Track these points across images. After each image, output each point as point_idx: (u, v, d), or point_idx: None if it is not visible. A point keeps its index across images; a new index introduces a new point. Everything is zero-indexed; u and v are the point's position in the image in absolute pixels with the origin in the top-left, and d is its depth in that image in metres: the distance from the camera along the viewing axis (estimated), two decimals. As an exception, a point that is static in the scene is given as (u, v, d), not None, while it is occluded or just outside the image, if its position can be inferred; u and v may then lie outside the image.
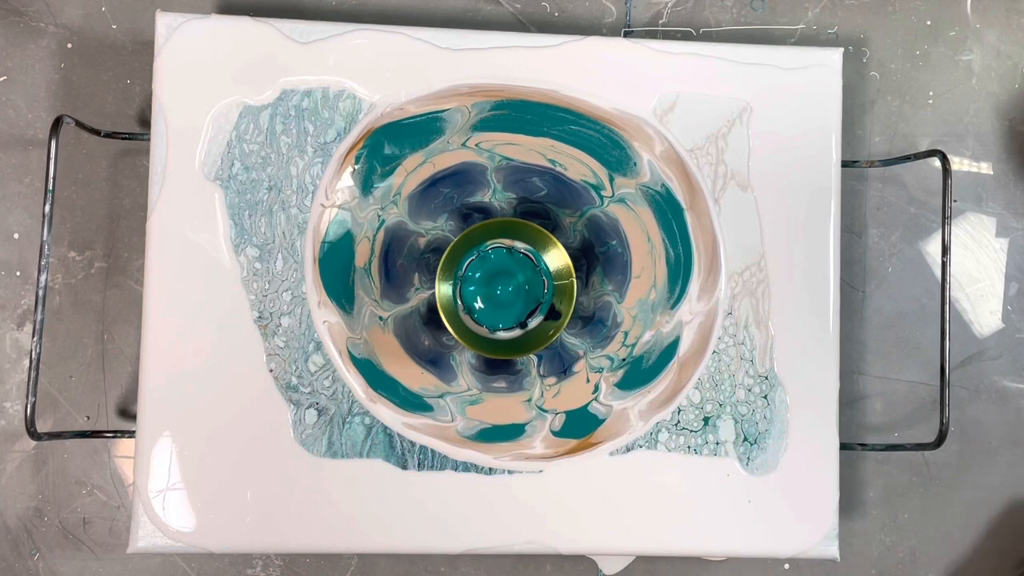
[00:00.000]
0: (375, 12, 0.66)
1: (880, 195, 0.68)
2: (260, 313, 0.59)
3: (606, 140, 0.61)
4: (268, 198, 0.60)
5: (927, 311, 0.68)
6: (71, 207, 0.64)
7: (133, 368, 0.64)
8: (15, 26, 0.65)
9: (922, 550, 0.67)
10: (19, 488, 0.64)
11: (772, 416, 0.61)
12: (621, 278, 0.62)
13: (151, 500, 0.58)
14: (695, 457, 0.61)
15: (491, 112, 0.61)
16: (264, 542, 0.59)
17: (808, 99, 0.62)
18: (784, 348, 0.61)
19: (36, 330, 0.57)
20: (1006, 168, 0.69)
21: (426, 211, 0.61)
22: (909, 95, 0.69)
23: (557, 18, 0.67)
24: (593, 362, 0.62)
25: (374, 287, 0.61)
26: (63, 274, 0.64)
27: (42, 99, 0.65)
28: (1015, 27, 0.69)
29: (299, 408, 0.59)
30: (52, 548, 0.64)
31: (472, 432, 0.60)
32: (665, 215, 0.62)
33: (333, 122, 0.60)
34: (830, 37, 0.68)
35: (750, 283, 0.62)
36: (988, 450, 0.68)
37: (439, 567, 0.65)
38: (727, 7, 0.68)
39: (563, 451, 0.60)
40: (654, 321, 0.62)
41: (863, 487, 0.67)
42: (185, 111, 0.59)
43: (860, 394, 0.67)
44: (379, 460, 0.59)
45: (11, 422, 0.64)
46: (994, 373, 0.68)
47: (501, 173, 0.62)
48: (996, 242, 0.68)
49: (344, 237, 0.60)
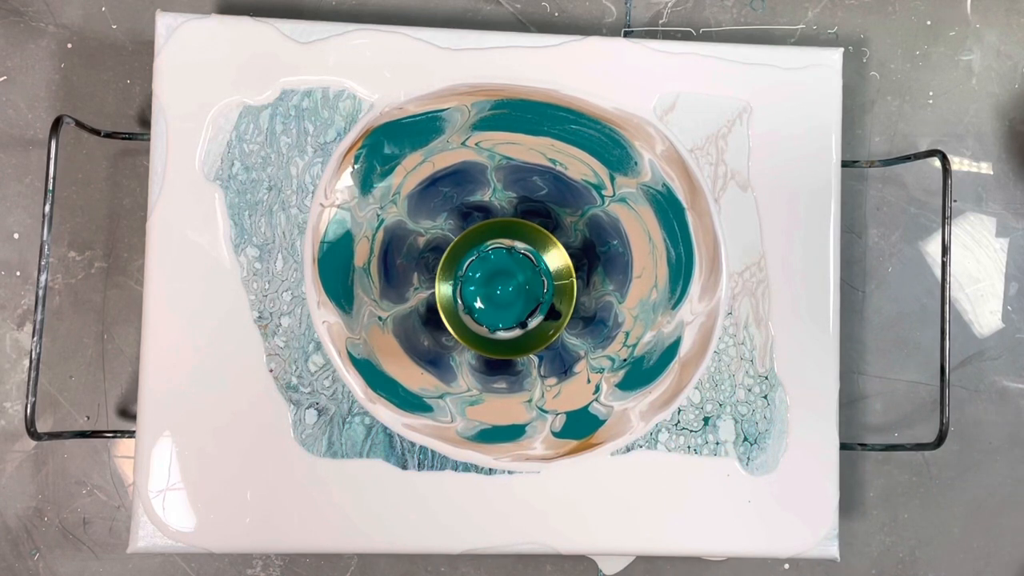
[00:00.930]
0: (375, 12, 0.66)
1: (880, 195, 0.68)
2: (260, 313, 0.59)
3: (607, 139, 0.61)
4: (268, 198, 0.60)
5: (927, 311, 0.68)
6: (71, 207, 0.64)
7: (133, 368, 0.64)
8: (15, 26, 0.65)
9: (922, 550, 0.67)
10: (19, 488, 0.64)
11: (772, 416, 0.61)
12: (622, 278, 0.62)
13: (151, 500, 0.58)
14: (695, 457, 0.61)
15: (491, 111, 0.61)
16: (264, 542, 0.59)
17: (808, 99, 0.62)
18: (784, 348, 0.61)
19: (36, 330, 0.57)
20: (1006, 168, 0.69)
21: (425, 210, 0.61)
22: (909, 95, 0.69)
23: (557, 18, 0.67)
24: (594, 362, 0.62)
25: (373, 287, 0.61)
26: (63, 274, 0.64)
27: (42, 99, 0.65)
28: (1015, 27, 0.69)
29: (299, 408, 0.59)
30: (52, 548, 0.64)
31: (472, 433, 0.60)
32: (666, 215, 0.62)
33: (333, 122, 0.60)
34: (830, 37, 0.68)
35: (750, 283, 0.62)
36: (988, 450, 0.68)
37: (439, 567, 0.65)
38: (727, 7, 0.68)
39: (563, 452, 0.60)
40: (655, 321, 0.62)
41: (863, 487, 0.67)
42: (185, 111, 0.59)
43: (860, 394, 0.67)
44: (379, 460, 0.59)
45: (11, 422, 0.64)
46: (994, 373, 0.68)
47: (501, 172, 0.62)
48: (996, 242, 0.68)
49: (343, 237, 0.60)
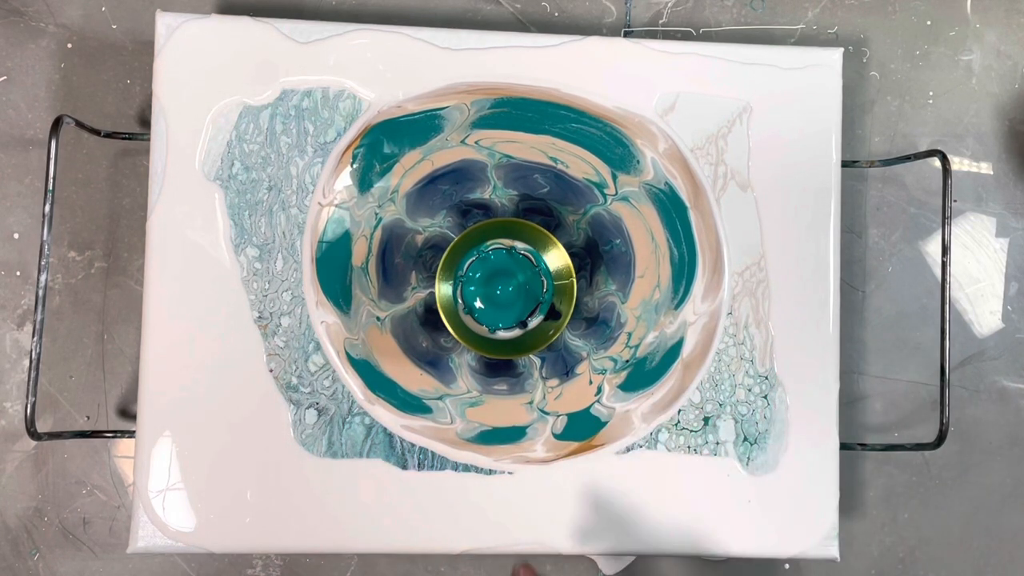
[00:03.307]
0: (375, 12, 0.66)
1: (880, 195, 0.68)
2: (260, 313, 0.59)
3: (609, 138, 0.61)
4: (268, 198, 0.60)
5: (927, 311, 0.68)
6: (71, 207, 0.64)
7: (133, 368, 0.64)
8: (15, 26, 0.65)
9: (922, 550, 0.67)
10: (19, 488, 0.64)
11: (772, 416, 0.61)
12: (625, 278, 0.62)
13: (151, 500, 0.58)
14: (695, 457, 0.61)
15: (491, 110, 0.61)
16: (264, 542, 0.59)
17: (808, 99, 0.62)
18: (784, 348, 0.61)
19: (36, 330, 0.57)
20: (1006, 168, 0.69)
21: (424, 208, 0.61)
22: (909, 95, 0.69)
23: (557, 18, 0.67)
24: (596, 364, 0.62)
25: (371, 286, 0.61)
26: (63, 274, 0.64)
27: (42, 99, 0.65)
28: (1015, 27, 0.69)
29: (299, 408, 0.59)
30: (52, 548, 0.64)
31: (472, 434, 0.60)
32: (669, 213, 0.62)
33: (333, 122, 0.60)
34: (830, 37, 0.68)
35: (750, 283, 0.61)
36: (988, 450, 0.68)
37: (439, 567, 0.65)
38: (727, 7, 0.68)
39: (564, 454, 0.60)
40: (657, 322, 0.62)
41: (863, 487, 0.67)
42: (185, 111, 0.59)
43: (860, 394, 0.67)
44: (379, 460, 0.59)
45: (11, 422, 0.64)
46: (994, 373, 0.68)
47: (501, 170, 0.62)
48: (996, 242, 0.68)
49: (342, 236, 0.60)
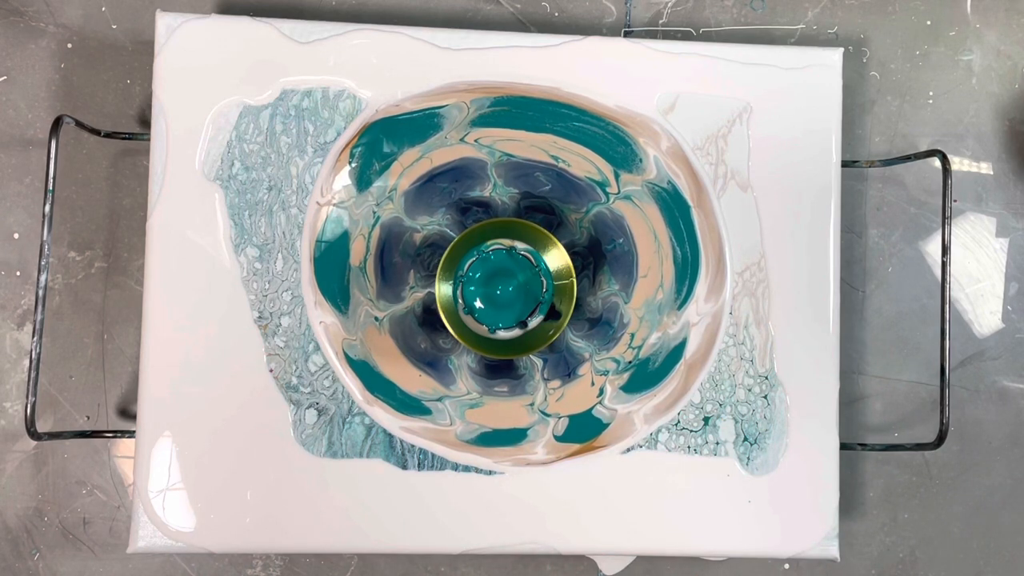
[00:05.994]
0: (375, 12, 0.66)
1: (880, 195, 0.68)
2: (260, 313, 0.59)
3: (611, 136, 0.61)
4: (268, 198, 0.60)
5: (927, 311, 0.68)
6: (71, 207, 0.64)
7: (133, 368, 0.64)
8: (15, 26, 0.65)
9: (922, 550, 0.67)
10: (19, 488, 0.64)
11: (772, 416, 0.61)
12: (627, 277, 0.62)
13: (151, 500, 0.58)
14: (695, 457, 0.61)
15: (490, 108, 0.61)
16: (264, 542, 0.59)
17: (808, 99, 0.62)
18: (784, 348, 0.61)
19: (36, 330, 0.56)
20: (1006, 168, 0.69)
21: (423, 207, 0.61)
22: (909, 95, 0.69)
23: (557, 18, 0.67)
24: (598, 364, 0.62)
25: (370, 286, 0.61)
26: (63, 274, 0.64)
27: (42, 99, 0.65)
28: (1015, 27, 0.69)
29: (299, 408, 0.59)
30: (52, 548, 0.64)
31: (472, 436, 0.60)
32: (672, 213, 0.62)
33: (333, 122, 0.60)
34: (830, 37, 0.68)
35: (750, 283, 0.61)
36: (988, 450, 0.68)
37: (439, 567, 0.65)
38: (727, 7, 0.68)
39: (565, 456, 0.60)
40: (661, 322, 0.62)
41: (863, 487, 0.67)
42: (185, 111, 0.59)
43: (860, 394, 0.67)
44: (379, 460, 0.59)
45: (11, 422, 0.64)
46: (994, 373, 0.68)
47: (502, 169, 0.61)
48: (996, 242, 0.68)
49: (340, 236, 0.60)
